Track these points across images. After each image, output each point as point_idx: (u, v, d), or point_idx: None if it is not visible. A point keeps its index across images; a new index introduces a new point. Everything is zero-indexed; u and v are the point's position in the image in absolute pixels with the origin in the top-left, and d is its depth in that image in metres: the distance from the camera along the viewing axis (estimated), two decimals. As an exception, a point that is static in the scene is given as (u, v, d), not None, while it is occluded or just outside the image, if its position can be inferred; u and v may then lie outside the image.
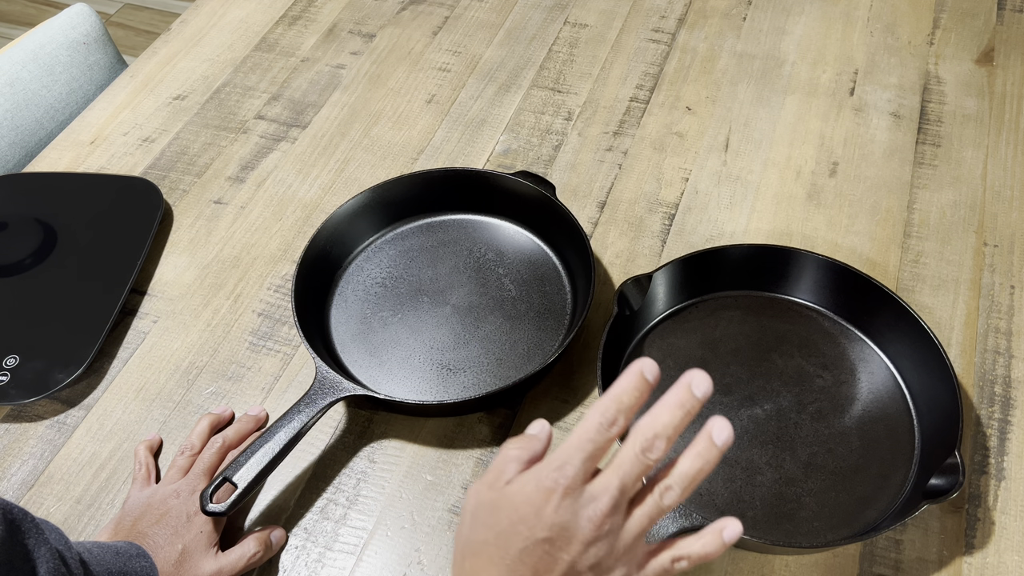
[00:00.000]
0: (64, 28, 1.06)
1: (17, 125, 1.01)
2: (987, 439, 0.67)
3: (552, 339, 0.72)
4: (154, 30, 2.29)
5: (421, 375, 0.71)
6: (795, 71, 0.96)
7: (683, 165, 0.87)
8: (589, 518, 0.41)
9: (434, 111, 0.94)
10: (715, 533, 0.44)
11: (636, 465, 0.42)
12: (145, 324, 0.77)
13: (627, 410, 0.42)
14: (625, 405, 0.42)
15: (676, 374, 0.70)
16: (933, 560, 0.61)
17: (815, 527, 0.62)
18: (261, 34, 1.05)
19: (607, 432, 0.41)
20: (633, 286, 0.70)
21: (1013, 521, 0.62)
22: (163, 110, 0.96)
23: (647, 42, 1.00)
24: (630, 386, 0.42)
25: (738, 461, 0.65)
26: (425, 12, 1.06)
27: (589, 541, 0.41)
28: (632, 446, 0.42)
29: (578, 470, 0.41)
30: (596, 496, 0.42)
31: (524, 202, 0.78)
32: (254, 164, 0.90)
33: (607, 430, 0.41)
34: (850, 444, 0.65)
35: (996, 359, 0.71)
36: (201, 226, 0.85)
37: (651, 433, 0.41)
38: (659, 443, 0.41)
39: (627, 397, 0.42)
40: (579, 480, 0.41)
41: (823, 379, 0.69)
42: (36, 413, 0.72)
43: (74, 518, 0.66)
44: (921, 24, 1.00)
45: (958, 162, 0.86)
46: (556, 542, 0.41)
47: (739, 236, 0.81)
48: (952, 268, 0.77)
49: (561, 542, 0.41)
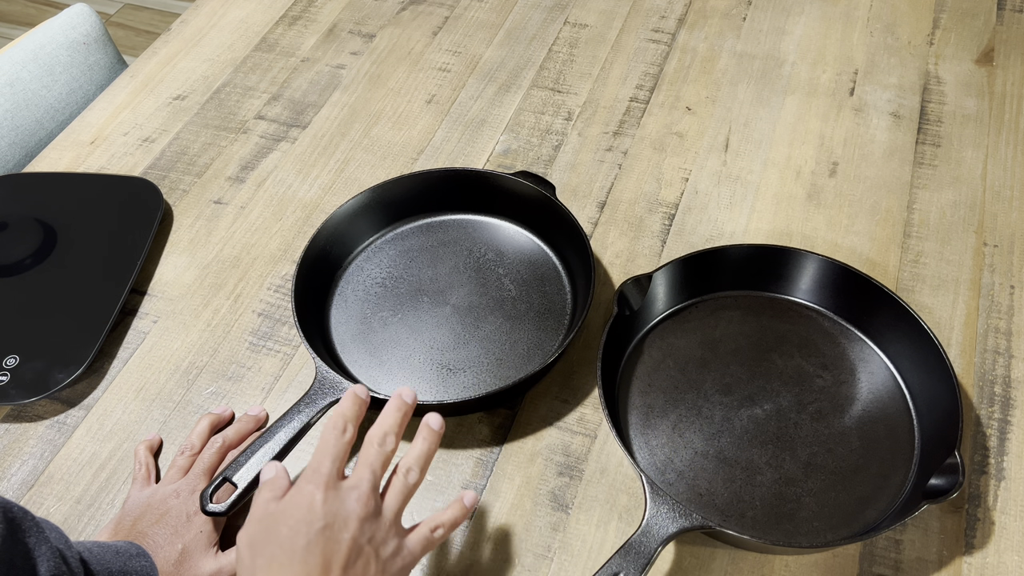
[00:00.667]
0: (64, 28, 1.06)
1: (17, 125, 1.01)
2: (987, 439, 0.67)
3: (552, 339, 0.73)
4: (154, 30, 2.29)
5: (421, 375, 0.71)
6: (795, 71, 0.96)
7: (683, 165, 0.87)
8: (356, 499, 0.49)
9: (434, 111, 0.94)
10: (458, 501, 0.54)
11: (378, 455, 0.52)
12: (145, 324, 0.77)
13: (352, 420, 0.53)
14: (350, 417, 0.53)
15: (676, 374, 0.70)
16: (933, 560, 0.61)
17: (815, 527, 0.62)
18: (261, 34, 1.05)
19: (342, 439, 0.52)
20: (633, 286, 0.70)
21: (1013, 521, 0.62)
22: (163, 110, 0.96)
23: (647, 42, 1.00)
24: (350, 403, 0.54)
25: (738, 461, 0.65)
26: (425, 12, 1.06)
27: (362, 517, 0.49)
28: (372, 443, 0.52)
29: (330, 469, 0.50)
30: (356, 484, 0.50)
31: (524, 202, 0.78)
32: (254, 164, 0.90)
33: (342, 437, 0.52)
34: (850, 444, 0.65)
35: (996, 359, 0.71)
36: (201, 226, 0.85)
37: (382, 432, 0.53)
38: (390, 438, 0.53)
39: (349, 411, 0.53)
40: (333, 477, 0.50)
41: (823, 379, 0.69)
42: (36, 413, 0.72)
43: (74, 518, 0.66)
44: (921, 24, 1.00)
45: (958, 162, 0.86)
46: (334, 526, 0.48)
47: (739, 236, 0.81)
48: (952, 268, 0.77)
49: (338, 524, 0.48)
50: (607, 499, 0.65)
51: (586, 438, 0.68)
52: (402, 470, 0.53)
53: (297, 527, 0.48)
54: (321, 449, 0.51)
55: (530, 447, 0.68)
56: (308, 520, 0.48)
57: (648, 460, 0.65)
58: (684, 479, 0.64)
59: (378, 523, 0.50)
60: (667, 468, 0.65)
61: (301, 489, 0.49)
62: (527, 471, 0.66)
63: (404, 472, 0.53)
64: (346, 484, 0.50)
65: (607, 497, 0.65)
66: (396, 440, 0.53)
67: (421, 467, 0.53)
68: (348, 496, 0.49)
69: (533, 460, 0.67)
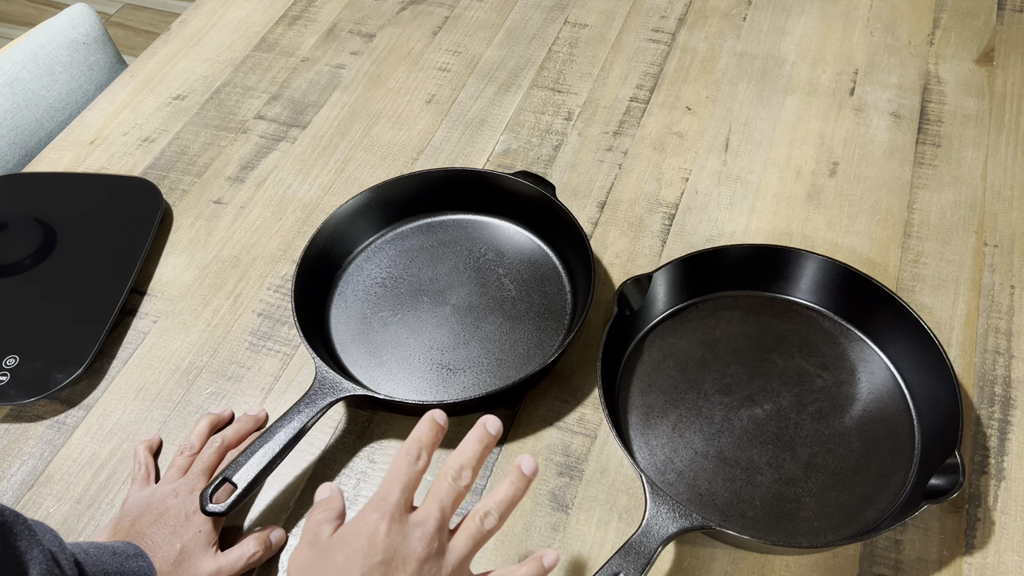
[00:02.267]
0: (64, 28, 1.06)
1: (17, 125, 1.01)
2: (987, 439, 0.67)
3: (552, 339, 0.72)
4: (154, 30, 2.29)
5: (421, 375, 0.71)
6: (795, 71, 0.96)
7: (683, 165, 0.87)
8: (419, 538, 0.47)
9: (434, 111, 0.94)
10: (536, 560, 0.50)
11: (451, 491, 0.49)
12: (145, 324, 0.77)
13: (428, 447, 0.50)
14: (425, 443, 0.50)
15: (676, 374, 0.70)
16: (933, 560, 0.61)
17: (815, 527, 0.61)
18: (261, 34, 1.05)
19: (415, 466, 0.49)
20: (633, 286, 0.70)
21: (1013, 521, 0.62)
22: (163, 110, 0.96)
23: (647, 42, 1.00)
24: (427, 428, 0.51)
25: (738, 461, 0.65)
26: (425, 12, 1.06)
27: (422, 559, 0.46)
28: (445, 477, 0.49)
29: (399, 499, 0.48)
30: (422, 520, 0.48)
31: (524, 202, 0.78)
32: (254, 164, 0.90)
33: (415, 464, 0.49)
34: (850, 444, 0.65)
35: (996, 359, 0.71)
36: (201, 226, 0.85)
37: (458, 464, 0.49)
38: (466, 472, 0.49)
39: (426, 438, 0.50)
40: (401, 508, 0.48)
41: (823, 379, 0.69)
42: (36, 413, 0.72)
43: (74, 518, 0.66)
44: (921, 24, 1.00)
45: (958, 162, 0.86)
46: (392, 563, 0.46)
47: (739, 236, 0.81)
48: (952, 268, 0.77)
49: (397, 563, 0.46)
50: (607, 499, 0.65)
51: (586, 438, 0.68)
52: (480, 513, 0.49)
53: (354, 557, 0.46)
54: (391, 476, 0.48)
55: (530, 447, 0.68)
56: (367, 552, 0.46)
57: (648, 460, 0.65)
58: (684, 479, 0.64)
59: (439, 565, 0.47)
60: (667, 468, 0.65)
61: (366, 518, 0.47)
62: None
63: (482, 516, 0.49)
64: (412, 518, 0.48)
65: (607, 497, 0.65)
66: (473, 476, 0.49)
67: (501, 513, 0.49)
68: (412, 532, 0.47)
69: (533, 460, 0.67)
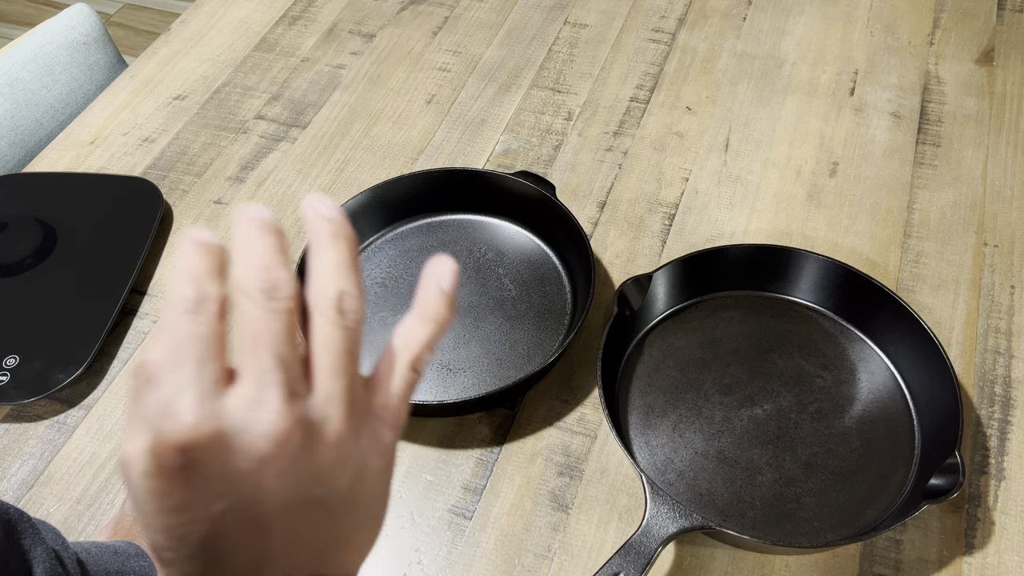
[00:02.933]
0: (64, 28, 1.06)
1: (17, 125, 1.01)
2: (987, 439, 0.67)
3: (552, 339, 0.72)
4: (154, 30, 2.29)
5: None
6: (795, 71, 0.96)
7: (683, 165, 0.87)
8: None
9: (434, 111, 0.94)
10: (434, 290, 0.32)
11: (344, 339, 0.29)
12: (145, 324, 0.77)
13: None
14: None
15: (676, 374, 0.70)
16: (933, 560, 0.61)
17: (815, 527, 0.61)
18: (261, 34, 1.05)
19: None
20: (633, 286, 0.70)
21: (1013, 521, 0.62)
22: (163, 110, 0.96)
23: (647, 42, 1.00)
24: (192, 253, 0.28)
25: (738, 461, 0.65)
26: (425, 12, 1.06)
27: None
28: (322, 311, 0.29)
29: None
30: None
31: (524, 202, 0.78)
32: (254, 164, 0.90)
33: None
34: (850, 444, 0.65)
35: (996, 359, 0.71)
36: (201, 226, 0.85)
37: (333, 290, 0.29)
38: (349, 300, 0.29)
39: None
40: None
41: (823, 379, 0.69)
42: (36, 413, 0.72)
43: (74, 518, 0.66)
44: (921, 24, 1.00)
45: (958, 162, 0.86)
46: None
47: (739, 236, 0.81)
48: (952, 268, 0.77)
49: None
50: (607, 499, 0.65)
51: (586, 438, 0.68)
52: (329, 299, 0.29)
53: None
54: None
55: (530, 447, 0.68)
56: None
57: (648, 460, 0.65)
58: (684, 479, 0.64)
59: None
60: (667, 468, 0.65)
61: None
62: (527, 471, 0.66)
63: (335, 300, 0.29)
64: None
65: (607, 497, 0.65)
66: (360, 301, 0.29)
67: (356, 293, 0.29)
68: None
69: (533, 460, 0.67)
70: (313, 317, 0.29)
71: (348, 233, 0.29)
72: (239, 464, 0.27)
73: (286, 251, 0.29)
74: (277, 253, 0.28)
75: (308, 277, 0.29)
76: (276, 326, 0.28)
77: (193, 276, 0.27)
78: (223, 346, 0.28)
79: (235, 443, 0.27)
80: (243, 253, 0.28)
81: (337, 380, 0.29)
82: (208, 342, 0.27)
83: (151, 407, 0.26)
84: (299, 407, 0.28)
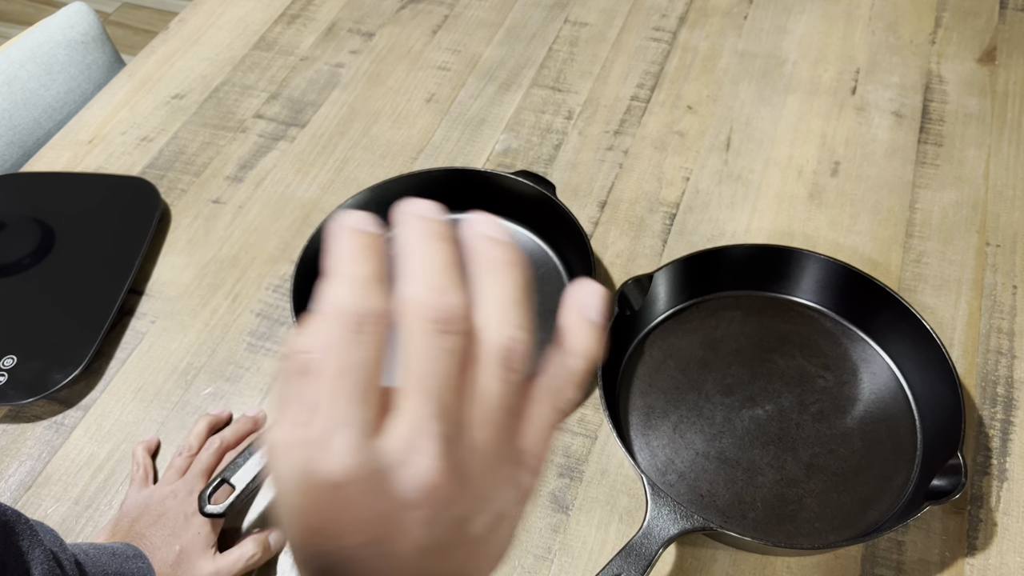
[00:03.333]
0: (62, 27, 1.05)
1: (15, 124, 1.00)
2: (989, 440, 0.66)
3: (552, 339, 0.72)
4: (152, 29, 2.28)
5: (420, 375, 0.71)
6: (796, 70, 0.95)
7: (684, 164, 0.87)
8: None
9: (434, 110, 0.94)
10: (578, 321, 0.30)
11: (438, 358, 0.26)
12: (143, 324, 0.77)
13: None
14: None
15: (677, 375, 0.70)
16: (935, 561, 0.61)
17: (817, 528, 0.61)
18: (260, 33, 1.04)
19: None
20: (634, 286, 0.69)
21: (1015, 522, 0.62)
22: (161, 109, 0.96)
23: (648, 41, 1.00)
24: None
25: (739, 462, 0.64)
26: (425, 11, 1.06)
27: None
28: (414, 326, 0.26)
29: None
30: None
31: (524, 202, 0.78)
32: (252, 163, 0.90)
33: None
34: (852, 445, 0.65)
35: (998, 359, 0.71)
36: (199, 226, 0.84)
37: (433, 293, 0.26)
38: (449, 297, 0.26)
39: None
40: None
41: (825, 379, 0.68)
42: (34, 414, 0.72)
43: (72, 519, 0.65)
44: (923, 23, 1.00)
45: (960, 161, 0.85)
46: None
47: (740, 236, 0.80)
48: (954, 268, 0.77)
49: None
50: (608, 500, 0.64)
51: (586, 439, 0.68)
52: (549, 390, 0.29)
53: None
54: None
55: (530, 448, 0.67)
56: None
57: (649, 461, 0.65)
58: (685, 480, 0.64)
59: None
60: (668, 469, 0.64)
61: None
62: (527, 472, 0.66)
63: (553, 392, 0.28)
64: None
65: (608, 498, 0.65)
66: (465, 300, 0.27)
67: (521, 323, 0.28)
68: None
69: (533, 461, 0.67)
70: (473, 364, 0.26)
71: (521, 260, 0.27)
72: (385, 506, 0.25)
73: (463, 266, 0.27)
74: (454, 271, 0.26)
75: (411, 285, 0.26)
76: (443, 368, 0.25)
77: (355, 281, 0.25)
78: (381, 368, 0.25)
79: (385, 486, 0.25)
80: (414, 266, 0.26)
81: (490, 433, 0.27)
82: (369, 370, 0.25)
83: (308, 430, 0.25)
84: (453, 456, 0.26)
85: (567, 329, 0.29)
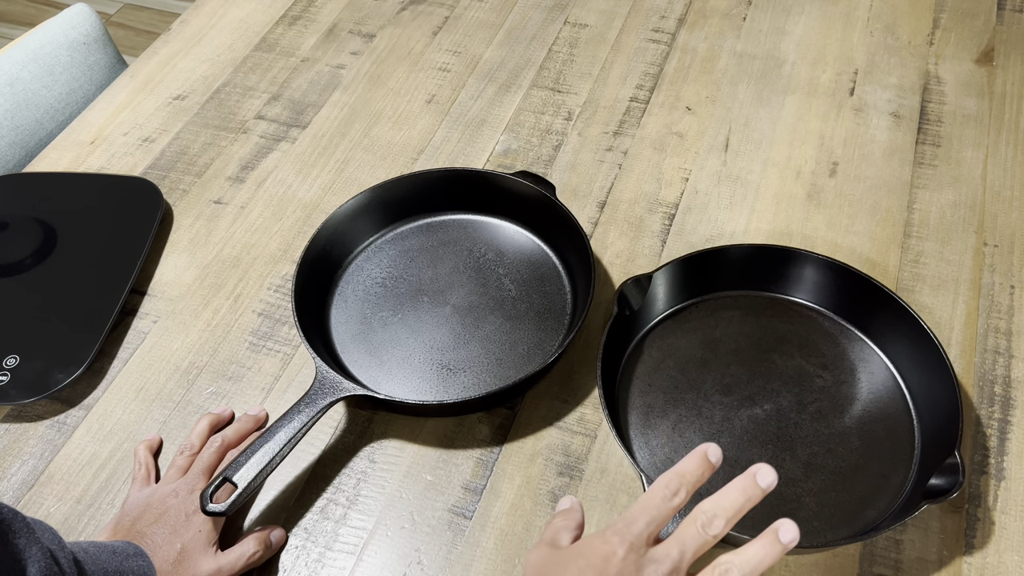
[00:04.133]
0: (64, 28, 1.06)
1: (17, 125, 1.01)
2: (987, 439, 0.67)
3: (552, 339, 0.72)
4: (154, 30, 2.29)
5: (421, 375, 0.71)
6: (795, 71, 0.96)
7: (683, 165, 0.87)
8: (651, 574, 0.44)
9: (434, 111, 0.94)
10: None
11: (697, 538, 0.45)
12: (145, 324, 0.77)
13: (689, 485, 0.46)
14: (688, 480, 0.46)
15: (676, 374, 0.70)
16: (933, 560, 0.61)
17: (815, 527, 0.62)
18: (261, 34, 1.05)
19: (669, 502, 0.46)
20: (633, 286, 0.70)
21: (1013, 521, 0.62)
22: (163, 110, 0.96)
23: (647, 42, 1.00)
24: (694, 465, 0.47)
25: (738, 461, 0.65)
26: (425, 12, 1.06)
27: None
28: (695, 520, 0.45)
29: (642, 530, 0.45)
30: (658, 559, 0.45)
31: (524, 202, 0.78)
32: (254, 164, 0.90)
33: (669, 500, 0.46)
34: (850, 444, 0.65)
35: (996, 359, 0.71)
36: (201, 226, 0.85)
37: (712, 511, 0.45)
38: (718, 522, 0.45)
39: (690, 474, 0.46)
40: (643, 540, 0.45)
41: (823, 379, 0.69)
42: (36, 413, 0.72)
43: (74, 518, 0.66)
44: (921, 24, 1.00)
45: (958, 162, 0.86)
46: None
47: (739, 236, 0.81)
48: (952, 268, 0.77)
49: None
50: (607, 499, 0.65)
51: (586, 438, 0.68)
52: (700, 517, 0.45)
53: (586, 571, 0.45)
54: (642, 505, 0.46)
55: (530, 447, 0.68)
56: (600, 570, 0.45)
57: (648, 460, 0.65)
58: (684, 479, 0.64)
59: None
60: (667, 468, 0.64)
61: (607, 538, 0.46)
62: (527, 471, 0.66)
63: (704, 521, 0.45)
64: (651, 554, 0.45)
65: (607, 497, 0.65)
66: (726, 527, 0.45)
67: (728, 518, 0.45)
68: (646, 567, 0.45)
69: (533, 460, 0.67)
70: (687, 517, 0.46)
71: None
72: None
73: (743, 512, 0.45)
74: (734, 511, 0.45)
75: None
76: (697, 546, 0.45)
77: (684, 477, 0.46)
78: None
79: (644, 566, 0.45)
80: (723, 496, 0.45)
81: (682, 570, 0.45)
82: (667, 518, 0.46)
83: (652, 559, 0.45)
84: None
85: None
